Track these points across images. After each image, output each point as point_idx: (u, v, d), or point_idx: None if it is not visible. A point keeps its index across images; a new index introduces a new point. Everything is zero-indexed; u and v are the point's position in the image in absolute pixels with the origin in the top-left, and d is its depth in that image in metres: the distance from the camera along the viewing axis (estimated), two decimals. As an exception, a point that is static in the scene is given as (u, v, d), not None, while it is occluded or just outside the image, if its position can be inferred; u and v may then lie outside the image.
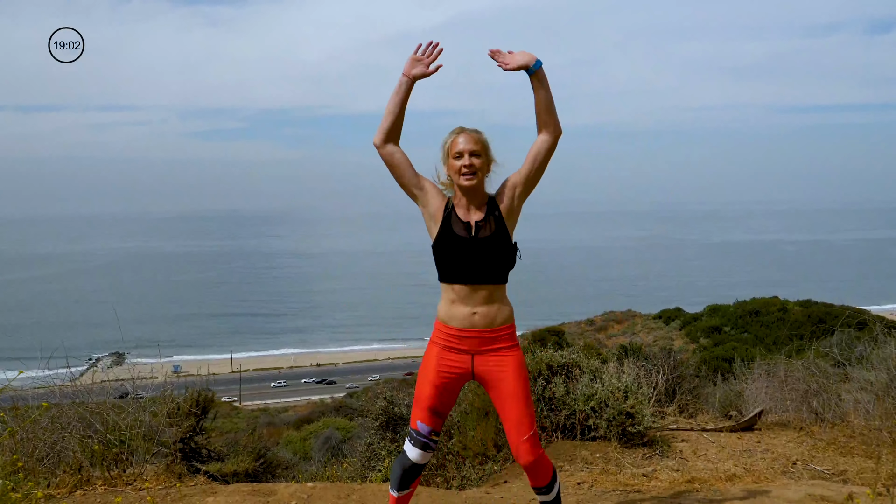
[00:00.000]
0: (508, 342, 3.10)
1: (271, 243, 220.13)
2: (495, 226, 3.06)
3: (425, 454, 3.14)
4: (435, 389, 3.09)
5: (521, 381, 3.08)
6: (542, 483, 3.17)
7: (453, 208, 3.10)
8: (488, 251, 3.03)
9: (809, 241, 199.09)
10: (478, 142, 3.05)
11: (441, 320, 3.13)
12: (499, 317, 3.08)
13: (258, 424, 20.11)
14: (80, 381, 5.06)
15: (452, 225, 3.07)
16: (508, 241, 3.08)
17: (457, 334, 3.07)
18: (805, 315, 41.83)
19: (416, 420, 3.13)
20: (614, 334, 47.07)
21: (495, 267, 3.05)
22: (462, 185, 3.04)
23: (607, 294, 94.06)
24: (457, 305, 3.06)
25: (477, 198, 3.09)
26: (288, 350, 74.25)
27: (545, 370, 5.58)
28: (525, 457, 3.06)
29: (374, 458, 6.13)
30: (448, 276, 3.07)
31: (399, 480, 3.18)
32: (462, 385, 3.18)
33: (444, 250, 3.05)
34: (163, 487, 4.27)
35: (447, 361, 3.09)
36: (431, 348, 3.15)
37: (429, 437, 3.12)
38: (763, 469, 4.87)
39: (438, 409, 3.11)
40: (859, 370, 6.34)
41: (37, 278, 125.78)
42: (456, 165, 3.04)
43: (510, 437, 3.08)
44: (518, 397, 3.06)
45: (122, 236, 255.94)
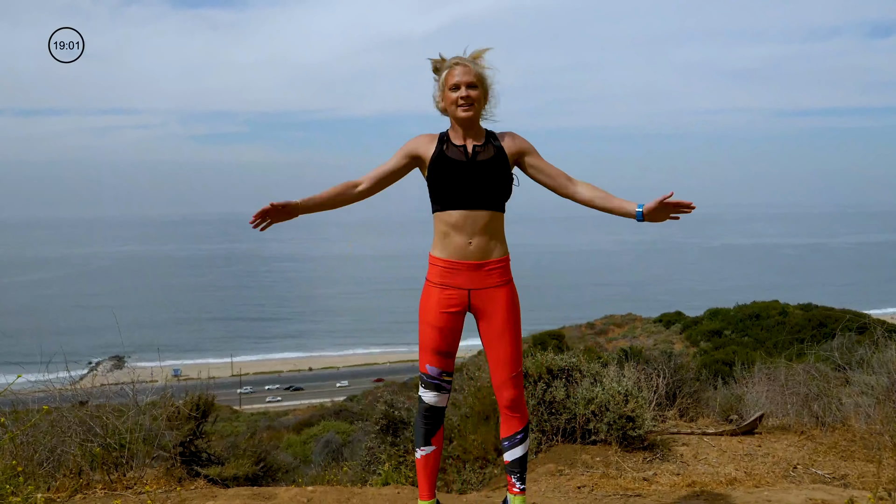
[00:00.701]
0: (502, 277, 3.04)
1: (271, 247, 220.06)
2: (494, 152, 3.02)
3: (440, 395, 3.07)
4: (437, 331, 3.03)
5: (512, 318, 3.03)
6: (517, 427, 3.12)
7: (448, 138, 3.06)
8: (487, 174, 2.97)
9: (810, 244, 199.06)
10: (475, 73, 2.99)
11: (435, 254, 3.06)
12: (495, 249, 3.02)
13: (258, 428, 20.09)
14: (80, 385, 5.06)
15: (447, 151, 3.02)
16: (507, 167, 3.03)
17: (450, 266, 3.00)
18: (805, 319, 41.82)
19: (425, 363, 3.07)
20: (614, 338, 47.04)
21: (492, 191, 2.98)
22: (459, 116, 2.99)
23: (608, 297, 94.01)
24: (451, 236, 2.99)
25: (473, 129, 3.05)
26: (288, 354, 74.21)
27: (545, 374, 5.57)
28: (509, 392, 3.03)
29: (374, 461, 6.13)
30: (443, 202, 2.99)
31: (423, 431, 3.09)
32: (463, 320, 3.12)
33: (440, 174, 2.98)
34: (163, 491, 4.26)
35: (445, 301, 3.02)
36: (428, 289, 3.08)
37: (440, 378, 3.06)
38: (764, 473, 4.86)
39: (444, 350, 3.05)
40: (860, 374, 6.33)
41: (37, 282, 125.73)
42: (452, 97, 2.99)
43: (496, 373, 3.04)
44: (508, 335, 3.02)
45: (122, 240, 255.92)
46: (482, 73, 3.03)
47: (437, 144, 3.04)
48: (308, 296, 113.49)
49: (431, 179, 3.01)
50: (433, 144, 3.05)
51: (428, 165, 3.03)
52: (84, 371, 46.98)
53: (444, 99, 3.05)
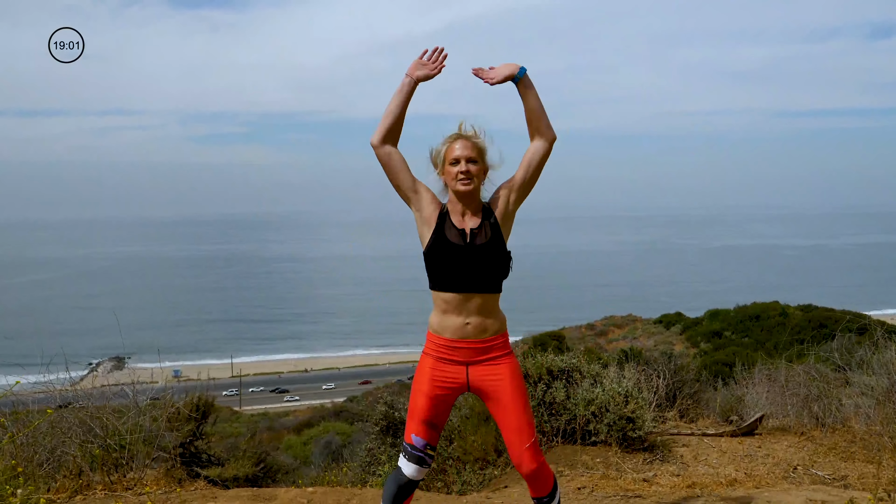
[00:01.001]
0: (502, 350, 3.04)
1: (271, 248, 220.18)
2: (491, 233, 3.01)
3: (421, 469, 3.05)
4: (430, 402, 3.02)
5: (517, 388, 3.01)
6: (544, 493, 3.09)
7: (448, 214, 3.05)
8: (483, 259, 2.97)
9: (810, 245, 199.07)
10: (474, 148, 3.01)
11: (433, 331, 3.07)
12: (491, 326, 3.02)
13: (258, 429, 20.09)
14: (80, 386, 5.06)
15: (446, 231, 3.01)
16: (504, 249, 3.03)
17: (449, 345, 3.01)
18: (805, 319, 41.82)
19: (411, 433, 3.05)
20: (615, 339, 47.04)
21: (490, 275, 2.99)
22: (459, 190, 2.99)
23: (608, 298, 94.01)
24: (449, 315, 3.00)
25: (472, 204, 3.04)
26: (288, 355, 74.22)
27: (546, 375, 5.57)
28: (528, 465, 2.99)
29: (374, 462, 6.13)
30: (440, 284, 3.01)
31: (392, 497, 3.08)
32: (457, 397, 3.12)
33: (438, 257, 2.99)
34: (163, 492, 4.26)
35: (441, 373, 3.03)
36: (424, 360, 3.08)
37: (424, 451, 3.04)
38: (764, 474, 4.86)
39: (433, 422, 3.04)
40: (860, 375, 6.33)
41: (37, 282, 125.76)
42: (452, 171, 2.99)
43: (511, 446, 3.01)
44: (516, 405, 3.00)
45: (122, 240, 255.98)
46: (482, 148, 3.04)
47: (438, 219, 3.04)
48: (308, 297, 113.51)
49: (429, 260, 3.03)
50: (435, 214, 3.05)
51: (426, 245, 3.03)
52: (84, 372, 46.99)
53: (443, 173, 3.06)
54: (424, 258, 3.04)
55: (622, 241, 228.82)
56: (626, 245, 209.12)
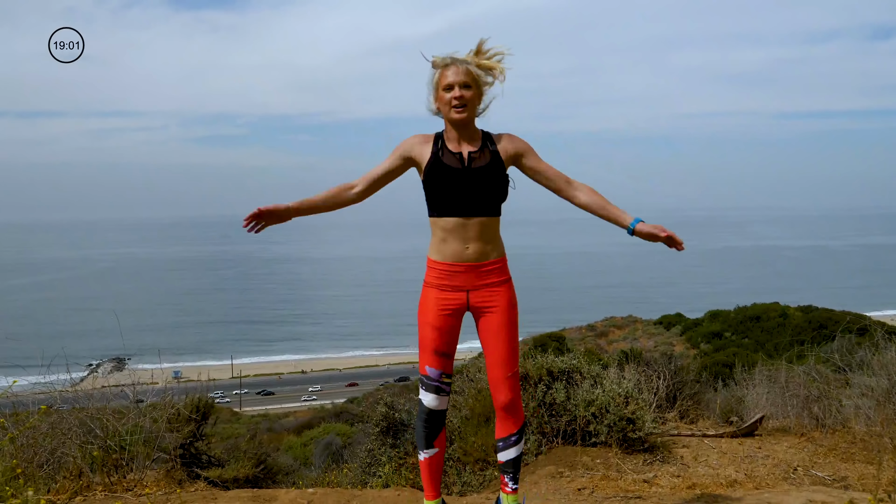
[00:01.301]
0: (500, 276, 3.05)
1: (271, 249, 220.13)
2: (490, 157, 2.99)
3: (440, 398, 3.07)
4: (437, 331, 3.04)
5: (509, 318, 3.04)
6: (513, 429, 3.13)
7: (443, 143, 3.02)
8: (482, 181, 2.95)
9: (810, 246, 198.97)
10: (468, 73, 2.95)
11: (433, 258, 3.06)
12: (492, 251, 3.03)
13: (258, 430, 20.08)
14: (80, 387, 5.06)
15: (443, 157, 2.98)
16: (503, 172, 3.00)
17: (449, 269, 3.00)
18: (806, 320, 41.81)
19: (425, 365, 3.07)
20: (615, 340, 47.03)
21: (489, 197, 2.97)
22: (453, 118, 2.96)
23: (608, 299, 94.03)
24: (448, 242, 2.99)
25: (468, 131, 3.01)
26: (288, 356, 74.20)
27: (546, 376, 5.57)
28: (505, 394, 3.04)
29: (374, 463, 6.12)
30: (439, 209, 2.98)
31: (424, 435, 3.10)
32: (461, 320, 3.13)
33: (436, 181, 2.96)
34: (163, 493, 4.26)
35: (443, 301, 3.03)
36: (427, 291, 3.08)
37: (440, 380, 3.06)
38: (764, 475, 4.86)
39: (444, 350, 3.06)
40: (860, 376, 6.32)
41: (37, 284, 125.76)
42: (446, 98, 2.96)
43: (493, 372, 3.04)
44: (505, 334, 3.03)
45: (122, 242, 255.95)
46: (476, 73, 2.98)
47: (433, 147, 3.01)
48: (308, 298, 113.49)
49: (427, 186, 3.00)
50: (428, 146, 3.02)
51: (423, 170, 3.00)
52: (84, 373, 47.00)
53: (437, 99, 3.02)
54: (423, 186, 3.02)
55: (622, 242, 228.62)
56: (626, 246, 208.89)
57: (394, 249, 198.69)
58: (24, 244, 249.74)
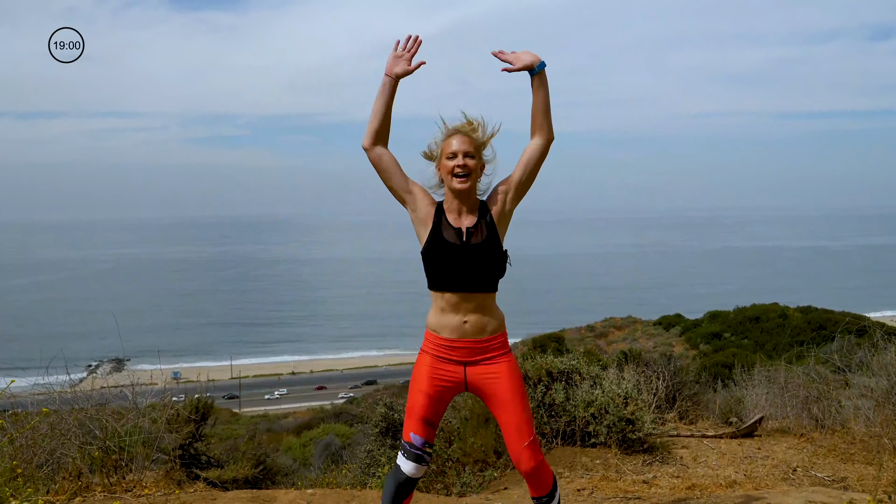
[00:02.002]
0: (500, 350, 3.04)
1: (271, 250, 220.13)
2: (487, 232, 2.99)
3: (419, 467, 3.04)
4: (428, 399, 3.02)
5: (516, 386, 3.01)
6: (544, 492, 3.08)
7: (444, 213, 3.03)
8: (480, 258, 2.96)
9: (809, 247, 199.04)
10: (472, 143, 2.98)
11: (431, 329, 3.06)
12: (490, 325, 3.02)
13: (258, 431, 20.07)
14: (79, 388, 5.06)
15: (443, 231, 2.99)
16: (500, 248, 3.01)
17: (447, 344, 3.00)
18: (805, 321, 41.82)
19: (409, 432, 3.05)
20: (614, 340, 47.02)
21: (486, 275, 2.98)
22: (455, 187, 2.97)
23: (608, 300, 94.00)
24: (447, 314, 3.00)
25: (469, 201, 3.02)
26: (287, 357, 74.19)
27: (545, 376, 5.57)
28: (526, 463, 2.99)
29: (373, 464, 6.12)
30: (438, 284, 3.00)
31: (392, 496, 3.07)
32: (454, 395, 3.12)
33: (435, 257, 2.98)
34: (162, 494, 4.26)
35: (439, 372, 3.03)
36: (422, 358, 3.08)
37: (422, 449, 3.03)
38: (763, 475, 4.86)
39: (431, 420, 3.04)
40: (859, 376, 6.33)
41: (37, 285, 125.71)
42: (449, 166, 2.97)
43: (510, 444, 3.01)
44: (515, 403, 2.99)
45: (122, 243, 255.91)
46: (480, 143, 3.01)
47: (434, 218, 3.02)
48: (307, 299, 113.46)
49: (426, 261, 3.01)
50: (431, 212, 3.03)
51: (424, 244, 3.02)
52: (84, 374, 46.98)
53: (440, 168, 3.04)
54: (422, 258, 3.03)
55: (622, 243, 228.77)
56: (625, 247, 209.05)
57: (393, 250, 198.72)
58: (24, 245, 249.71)
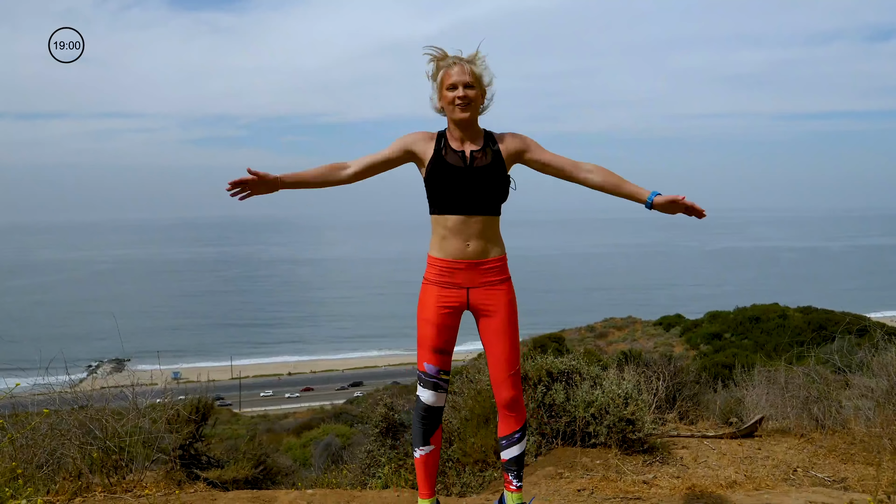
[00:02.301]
0: (500, 275, 3.07)
1: (270, 250, 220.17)
2: (492, 157, 3.02)
3: (438, 395, 3.09)
4: (435, 328, 3.06)
5: (510, 317, 3.06)
6: (515, 427, 3.14)
7: (446, 141, 3.05)
8: (484, 180, 2.98)
9: (810, 247, 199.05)
10: (472, 73, 2.99)
11: (433, 255, 3.08)
12: (492, 250, 3.05)
13: (258, 431, 20.08)
14: (79, 388, 5.06)
15: (446, 155, 3.01)
16: (504, 172, 3.04)
17: (449, 266, 3.03)
18: (805, 321, 41.80)
19: (423, 361, 3.10)
20: (614, 340, 47.01)
21: (490, 196, 3.00)
22: (456, 116, 2.99)
23: (608, 300, 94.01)
24: (449, 239, 3.02)
25: (471, 130, 3.04)
26: (287, 357, 74.21)
27: (545, 377, 5.57)
28: (507, 391, 3.05)
29: (374, 464, 6.13)
30: (441, 207, 3.01)
31: (422, 432, 3.10)
32: (460, 317, 3.14)
33: (438, 179, 2.99)
34: (162, 494, 4.26)
35: (443, 299, 3.05)
36: (426, 288, 3.10)
37: (438, 377, 3.08)
38: (764, 476, 4.86)
39: (442, 347, 3.08)
40: (860, 377, 6.33)
41: (37, 286, 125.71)
42: (449, 97, 2.99)
43: (494, 371, 3.06)
44: (506, 333, 3.05)
45: (122, 243, 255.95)
46: (480, 73, 3.02)
47: (435, 145, 3.04)
48: (308, 299, 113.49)
49: (429, 184, 3.02)
50: (431, 144, 3.05)
51: (426, 168, 3.03)
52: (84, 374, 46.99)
53: (441, 98, 3.04)
54: (425, 183, 3.05)
55: (623, 243, 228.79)
56: (626, 247, 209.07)
57: (394, 250, 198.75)
58: (24, 245, 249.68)
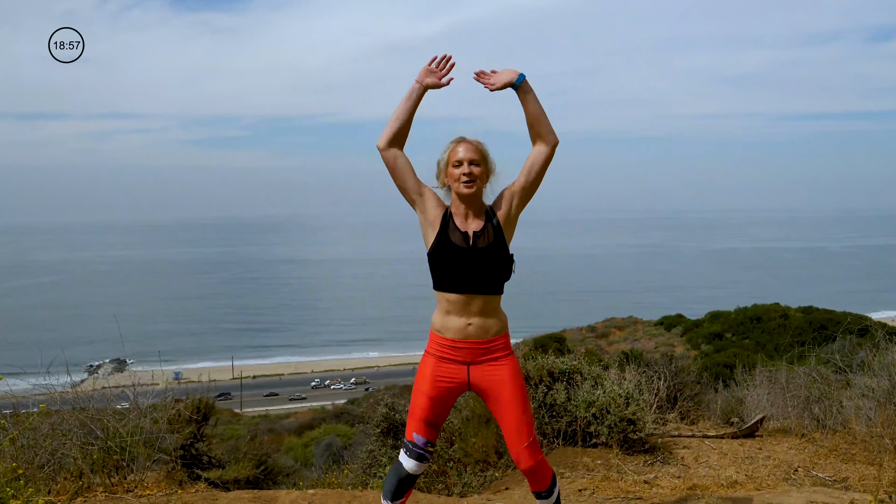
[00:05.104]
0: (503, 351, 3.10)
1: (272, 251, 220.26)
2: (493, 236, 3.06)
3: (421, 465, 3.14)
4: (430, 401, 3.08)
5: (517, 387, 3.07)
6: (543, 487, 3.19)
7: (451, 217, 3.10)
8: (485, 261, 3.03)
9: (811, 248, 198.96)
10: (478, 151, 3.07)
11: (436, 330, 3.12)
12: (493, 327, 3.07)
13: (259, 431, 20.09)
14: (80, 388, 5.06)
15: (450, 234, 3.06)
16: (506, 252, 3.08)
17: (451, 345, 3.06)
18: (806, 321, 41.79)
19: (412, 432, 3.12)
20: (616, 341, 47.02)
21: (492, 277, 3.05)
22: (462, 192, 3.04)
23: (609, 301, 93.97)
24: (451, 316, 3.06)
25: (475, 207, 3.10)
26: (288, 358, 74.25)
27: (546, 377, 5.57)
28: (525, 462, 3.07)
29: (375, 464, 6.12)
30: (443, 285, 3.06)
31: (393, 490, 3.17)
32: (458, 396, 3.17)
33: (441, 259, 3.05)
34: (164, 494, 4.26)
35: (443, 372, 3.08)
36: (426, 359, 3.14)
37: (424, 449, 3.11)
38: (765, 476, 4.86)
39: (433, 421, 3.11)
40: (861, 377, 6.32)
41: (38, 286, 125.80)
42: (455, 174, 3.05)
43: (510, 443, 3.09)
44: (516, 404, 3.06)
45: (123, 244, 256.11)
46: (485, 151, 3.10)
47: (442, 222, 3.09)
48: (308, 299, 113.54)
49: (432, 261, 3.08)
50: (439, 215, 3.10)
51: (430, 246, 3.08)
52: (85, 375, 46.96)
53: (446, 175, 3.11)
54: (428, 259, 3.10)
55: (623, 243, 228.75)
56: (627, 248, 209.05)
57: (394, 251, 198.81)
58: (24, 246, 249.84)
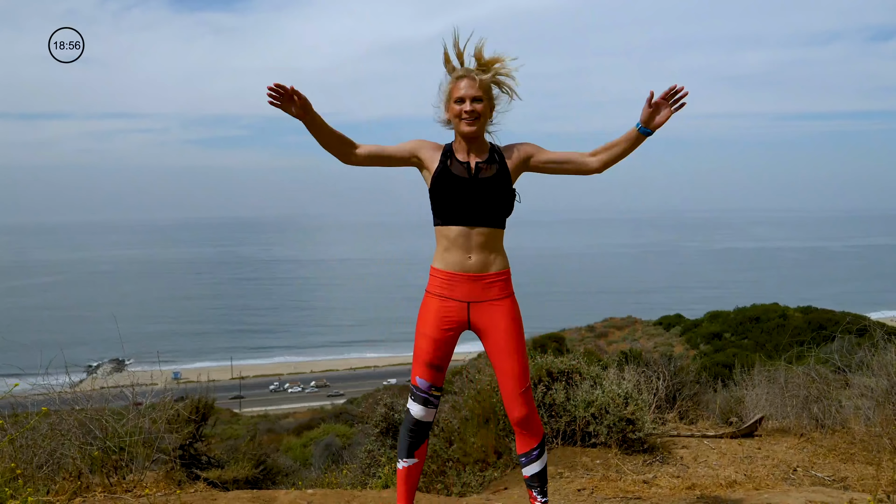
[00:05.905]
0: (503, 291, 3.04)
1: (272, 250, 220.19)
2: (497, 169, 3.02)
3: (428, 410, 3.09)
4: (433, 343, 3.04)
5: (516, 333, 3.03)
6: (534, 443, 3.12)
7: (452, 153, 3.05)
8: (488, 192, 2.98)
9: (810, 247, 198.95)
10: (480, 86, 2.99)
11: (435, 266, 3.07)
12: (494, 263, 3.03)
13: (258, 431, 20.07)
14: (79, 388, 5.06)
15: (451, 166, 3.02)
16: (509, 185, 3.04)
17: (450, 278, 3.01)
18: (805, 321, 41.78)
19: (416, 376, 3.09)
20: (615, 340, 46.98)
21: (493, 208, 3.00)
22: (463, 130, 3.00)
23: (608, 300, 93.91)
24: (451, 251, 3.01)
25: (477, 143, 3.05)
26: (287, 358, 74.25)
27: (545, 376, 5.57)
28: (519, 410, 3.03)
29: (374, 464, 6.13)
30: (444, 217, 3.01)
31: (407, 444, 3.12)
32: (459, 335, 3.12)
33: (442, 189, 2.99)
34: (162, 494, 4.26)
35: (444, 312, 3.03)
36: (427, 300, 3.09)
37: (429, 392, 3.07)
38: (763, 475, 4.86)
39: (436, 364, 3.06)
40: (860, 376, 6.33)
41: (38, 286, 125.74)
42: (457, 110, 2.99)
43: (505, 389, 3.04)
44: (513, 350, 3.02)
45: (123, 244, 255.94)
46: (488, 85, 3.02)
47: (441, 157, 3.04)
48: (309, 299, 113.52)
49: (434, 194, 3.03)
50: (437, 154, 3.06)
51: (431, 179, 3.04)
52: (83, 375, 46.95)
53: (448, 111, 3.06)
54: (430, 193, 3.05)
55: (623, 243, 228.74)
56: (626, 247, 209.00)
57: (394, 251, 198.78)
58: (25, 247, 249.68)
